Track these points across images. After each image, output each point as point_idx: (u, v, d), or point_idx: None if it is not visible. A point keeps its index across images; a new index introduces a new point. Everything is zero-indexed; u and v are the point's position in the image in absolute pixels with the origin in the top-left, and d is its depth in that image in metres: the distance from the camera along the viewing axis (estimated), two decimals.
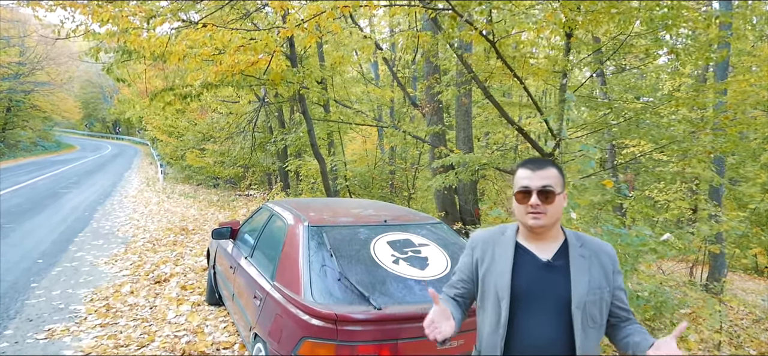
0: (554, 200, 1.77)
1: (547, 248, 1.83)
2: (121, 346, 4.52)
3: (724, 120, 6.99)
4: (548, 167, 1.81)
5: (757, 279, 16.20)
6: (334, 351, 2.65)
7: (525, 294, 1.78)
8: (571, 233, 1.87)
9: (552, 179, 1.78)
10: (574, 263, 1.78)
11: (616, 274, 1.83)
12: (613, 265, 1.83)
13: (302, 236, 3.32)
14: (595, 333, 1.77)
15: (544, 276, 1.79)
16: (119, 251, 8.37)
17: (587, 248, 1.83)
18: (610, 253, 1.85)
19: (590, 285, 1.75)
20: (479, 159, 7.32)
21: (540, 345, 1.74)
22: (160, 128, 22.12)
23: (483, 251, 1.91)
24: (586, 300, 1.73)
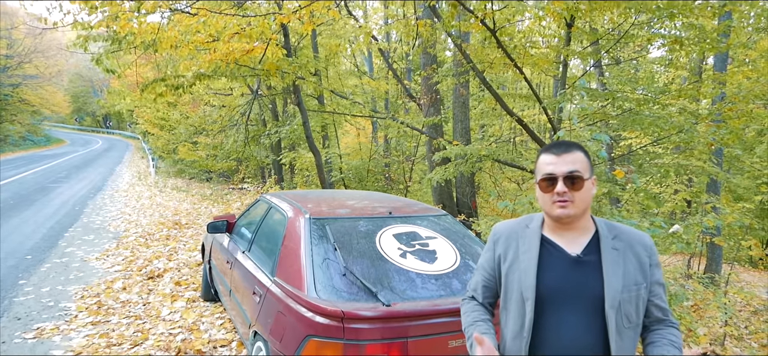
0: (583, 187, 1.59)
1: (576, 242, 1.64)
2: (113, 345, 4.35)
3: (728, 111, 6.91)
4: (574, 150, 1.63)
5: (752, 271, 16.26)
6: (341, 350, 2.50)
7: (552, 294, 1.61)
8: (603, 222, 1.68)
9: (579, 164, 1.60)
10: (606, 257, 1.59)
11: (653, 267, 1.63)
12: (650, 257, 1.63)
13: (303, 228, 3.16)
14: (632, 333, 1.58)
15: (573, 273, 1.61)
16: (111, 246, 8.16)
17: (621, 240, 1.63)
18: (647, 244, 1.65)
19: (625, 281, 1.56)
20: (479, 151, 7.18)
21: (569, 350, 1.57)
22: (151, 121, 21.83)
23: (506, 247, 1.74)
24: (621, 299, 1.54)
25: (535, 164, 1.74)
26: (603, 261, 1.59)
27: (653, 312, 1.63)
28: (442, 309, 2.65)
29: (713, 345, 5.15)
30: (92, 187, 16.05)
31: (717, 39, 6.96)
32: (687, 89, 7.87)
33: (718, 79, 8.81)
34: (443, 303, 2.70)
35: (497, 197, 8.65)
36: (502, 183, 15.77)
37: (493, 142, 15.28)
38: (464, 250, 3.28)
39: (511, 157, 14.36)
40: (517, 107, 17.60)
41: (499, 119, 17.70)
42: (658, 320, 1.64)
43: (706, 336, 5.20)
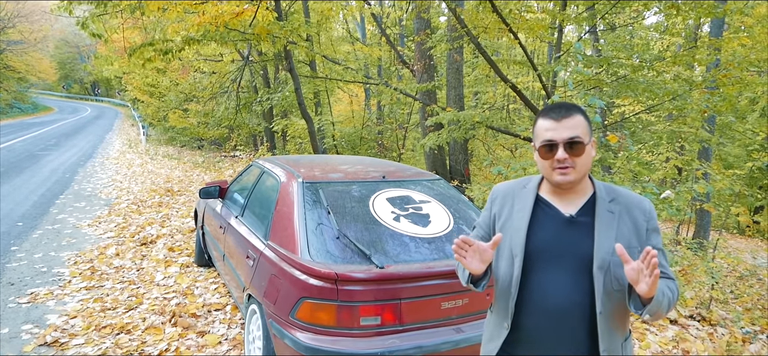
0: (583, 152, 1.56)
1: (572, 203, 1.63)
2: (108, 309, 4.36)
3: (722, 78, 6.89)
4: (574, 114, 1.58)
5: (739, 238, 16.54)
6: (334, 312, 2.52)
7: (541, 252, 1.60)
8: (602, 185, 1.66)
9: (580, 128, 1.56)
10: (600, 219, 1.57)
11: (651, 233, 1.60)
12: (647, 222, 1.60)
13: (297, 193, 3.14)
14: (622, 296, 1.54)
15: (564, 233, 1.60)
16: (102, 213, 8.12)
17: (618, 203, 1.61)
18: (646, 208, 1.61)
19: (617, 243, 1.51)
20: (473, 117, 7.15)
21: (555, 308, 1.57)
22: (140, 88, 21.52)
23: (501, 205, 1.75)
24: (611, 260, 1.52)
25: (532, 129, 1.71)
26: (596, 223, 1.58)
27: None
28: (435, 272, 2.66)
29: (699, 308, 5.25)
30: (82, 155, 15.89)
31: (713, 4, 6.90)
32: (682, 55, 7.82)
33: (714, 45, 8.76)
34: (436, 265, 2.71)
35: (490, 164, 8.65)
36: (495, 150, 15.79)
37: (487, 109, 15.24)
38: (458, 214, 3.29)
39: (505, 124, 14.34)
40: (511, 73, 17.52)
41: (492, 86, 17.62)
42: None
43: (693, 300, 5.29)
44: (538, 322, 1.60)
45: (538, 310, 1.60)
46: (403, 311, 2.60)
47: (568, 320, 1.56)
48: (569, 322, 1.56)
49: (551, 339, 1.59)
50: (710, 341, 4.43)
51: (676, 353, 4.08)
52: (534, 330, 1.62)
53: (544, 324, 1.59)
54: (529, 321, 1.62)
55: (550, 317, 1.58)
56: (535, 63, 8.19)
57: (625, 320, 1.62)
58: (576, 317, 1.56)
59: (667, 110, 8.47)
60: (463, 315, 2.75)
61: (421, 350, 2.56)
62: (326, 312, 2.53)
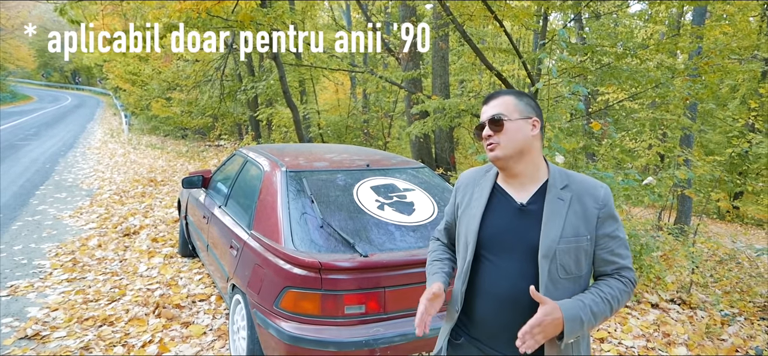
0: (504, 128, 1.58)
1: (525, 190, 1.64)
2: (90, 301, 4.31)
3: (704, 66, 6.96)
4: (501, 96, 1.64)
5: (719, 223, 16.84)
6: (318, 301, 2.51)
7: (492, 241, 1.63)
8: (558, 171, 1.65)
9: (502, 106, 1.60)
10: (548, 207, 1.57)
11: (604, 220, 1.57)
12: (599, 209, 1.57)
13: (280, 182, 3.12)
14: (570, 284, 1.55)
15: (515, 221, 1.62)
16: (84, 204, 8.01)
17: (570, 190, 1.59)
18: (599, 195, 1.59)
19: (564, 231, 1.54)
20: (458, 105, 7.15)
21: (503, 295, 1.59)
22: (122, 76, 21.13)
23: (464, 193, 1.78)
24: (557, 249, 1.53)
25: None
26: (544, 210, 1.58)
27: (601, 264, 1.60)
28: (419, 259, 2.66)
29: (680, 292, 5.34)
30: (63, 144, 15.62)
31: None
32: (665, 43, 7.89)
33: (696, 33, 8.85)
34: (420, 253, 2.72)
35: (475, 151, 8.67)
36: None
37: (473, 97, 15.25)
38: (442, 202, 3.29)
39: None
40: (497, 61, 17.53)
41: (478, 74, 17.62)
42: (606, 274, 1.61)
43: (674, 284, 5.38)
44: (487, 308, 1.64)
45: (487, 296, 1.63)
46: (388, 299, 2.60)
47: (516, 307, 1.58)
48: (516, 309, 1.57)
49: (499, 324, 1.62)
50: (690, 324, 4.51)
51: (656, 336, 4.15)
52: (483, 315, 1.65)
53: (492, 309, 1.63)
54: (479, 307, 1.66)
55: (498, 303, 1.61)
56: (519, 51, 8.21)
57: None
58: (523, 304, 1.55)
59: (650, 97, 8.55)
60: (448, 302, 2.76)
61: (406, 338, 2.57)
62: (310, 301, 2.53)
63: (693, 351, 3.96)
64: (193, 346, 3.59)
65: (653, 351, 3.87)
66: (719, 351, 4.04)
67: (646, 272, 5.20)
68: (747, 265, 8.57)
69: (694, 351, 3.95)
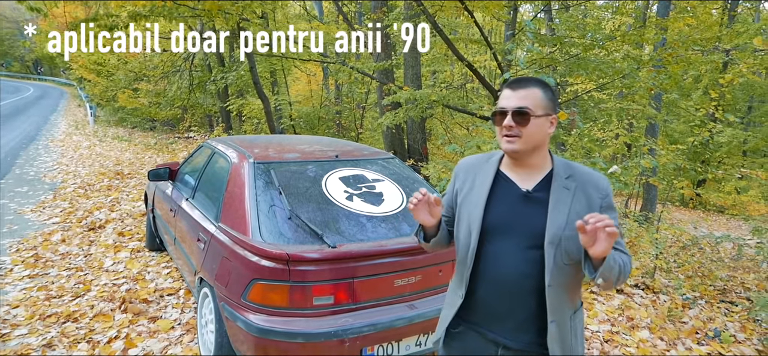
0: (529, 123, 1.59)
1: (529, 178, 1.67)
2: (53, 298, 4.19)
3: (668, 57, 7.13)
4: (530, 86, 1.62)
5: (683, 210, 17.39)
6: (287, 292, 2.50)
7: (497, 226, 1.65)
8: (561, 162, 1.69)
9: (530, 99, 1.60)
10: (554, 195, 1.61)
11: (605, 209, 1.62)
12: (601, 199, 1.62)
13: (248, 173, 3.08)
14: (572, 270, 1.59)
15: (520, 208, 1.65)
16: (47, 198, 7.77)
17: (575, 180, 1.63)
18: (602, 186, 1.64)
19: (569, 219, 1.57)
20: (429, 96, 7.17)
21: (506, 279, 1.62)
22: (86, 66, 20.50)
23: (464, 180, 1.79)
24: (562, 236, 1.56)
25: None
26: (550, 198, 1.61)
27: None
28: (388, 250, 2.68)
29: (644, 277, 5.50)
30: (25, 137, 15.10)
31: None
32: (631, 35, 8.05)
33: (660, 24, 9.07)
34: (389, 243, 2.73)
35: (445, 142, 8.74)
36: (452, 129, 15.94)
37: (445, 87, 15.32)
38: (411, 192, 3.31)
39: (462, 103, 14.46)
40: (469, 52, 17.62)
41: (450, 65, 17.70)
42: None
43: (639, 270, 5.54)
44: (490, 292, 1.66)
45: (491, 281, 1.65)
46: (357, 289, 2.61)
47: (519, 291, 1.62)
48: (519, 293, 1.62)
49: (502, 308, 1.65)
50: (653, 307, 4.66)
51: (621, 320, 4.27)
52: (486, 299, 1.67)
53: (495, 294, 1.65)
54: (482, 291, 1.68)
55: (501, 287, 1.63)
56: (490, 42, 8.27)
57: (575, 294, 1.67)
58: (526, 288, 1.61)
59: (617, 88, 8.73)
60: (416, 291, 2.79)
61: (375, 328, 2.58)
62: (278, 293, 2.51)
63: (655, 333, 4.08)
64: (161, 341, 3.54)
65: (618, 335, 3.98)
66: (680, 334, 4.18)
67: None
68: (709, 250, 8.88)
69: (657, 334, 4.08)
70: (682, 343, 4.01)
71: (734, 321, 4.68)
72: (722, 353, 3.93)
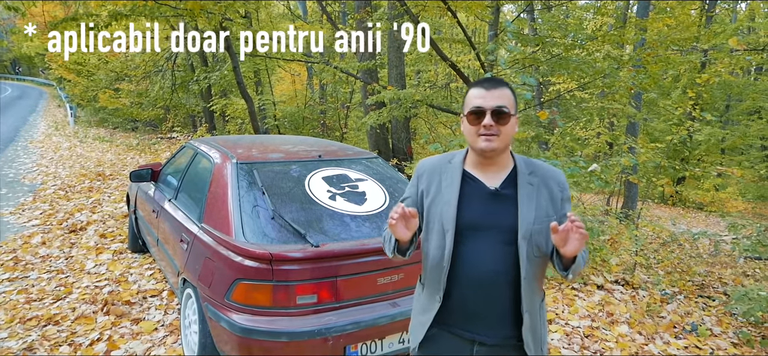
0: (508, 122, 1.65)
1: (495, 176, 1.71)
2: (33, 300, 4.15)
3: (647, 57, 7.26)
4: (502, 87, 1.67)
5: (663, 207, 17.69)
6: (270, 292, 2.51)
7: (470, 225, 1.68)
8: (521, 159, 1.75)
9: (506, 99, 1.65)
10: (522, 191, 1.67)
11: (564, 202, 1.72)
12: (561, 192, 1.72)
13: (231, 174, 3.09)
14: (541, 262, 1.68)
15: (490, 206, 1.68)
16: (26, 200, 7.65)
17: (536, 175, 1.71)
18: (560, 180, 1.73)
19: (537, 213, 1.65)
20: (413, 95, 7.21)
21: (483, 277, 1.65)
22: (65, 66, 20.18)
23: (429, 182, 1.79)
24: (532, 230, 1.63)
25: (463, 100, 1.77)
26: (518, 195, 1.66)
27: None
28: (371, 248, 2.70)
29: (625, 273, 5.60)
30: (3, 138, 14.82)
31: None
32: (610, 35, 8.17)
33: (639, 25, 9.22)
34: (372, 242, 2.75)
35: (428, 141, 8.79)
36: (437, 128, 16.02)
37: (429, 87, 15.38)
38: (394, 191, 3.34)
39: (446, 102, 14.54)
40: (454, 51, 17.73)
41: (435, 64, 17.78)
42: None
43: (619, 266, 5.64)
44: (468, 291, 1.68)
45: (468, 280, 1.67)
46: (340, 288, 2.63)
47: (495, 287, 1.66)
48: (496, 289, 1.66)
49: (480, 305, 1.68)
50: (632, 303, 4.75)
51: (601, 315, 4.35)
52: (464, 298, 1.69)
53: (473, 292, 1.68)
54: (460, 291, 1.70)
55: (479, 285, 1.66)
56: (473, 42, 8.33)
57: (542, 284, 1.75)
58: (502, 283, 1.65)
59: (598, 87, 8.86)
60: (399, 290, 2.82)
61: (358, 325, 2.60)
62: (262, 292, 2.53)
63: (634, 328, 4.17)
64: (144, 342, 3.52)
65: (598, 330, 4.05)
66: (659, 328, 4.28)
67: (592, 255, 5.43)
68: (688, 247, 9.06)
69: (636, 328, 4.17)
70: (660, 337, 4.10)
71: (711, 315, 4.79)
72: (699, 346, 4.02)
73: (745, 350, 4.09)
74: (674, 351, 3.85)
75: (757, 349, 4.15)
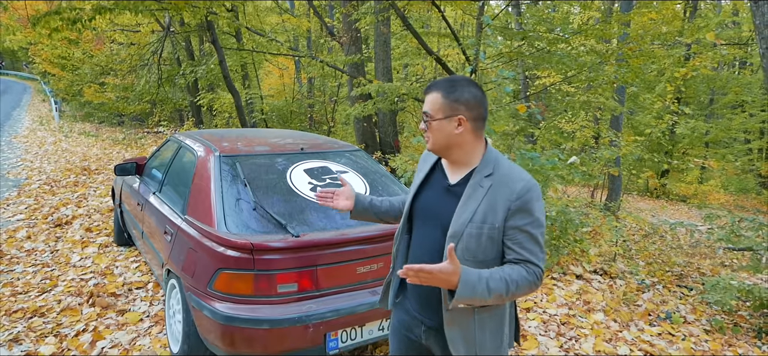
0: (431, 126, 1.70)
1: (457, 172, 1.77)
2: (19, 293, 4.17)
3: (628, 51, 7.39)
4: (432, 91, 1.71)
5: (647, 200, 17.95)
6: (251, 281, 2.58)
7: (420, 213, 1.82)
8: (492, 159, 1.71)
9: (430, 104, 1.70)
10: (467, 190, 1.68)
11: (517, 212, 1.61)
12: (512, 201, 1.61)
13: (213, 166, 3.14)
14: (473, 266, 1.61)
15: (441, 199, 1.76)
16: (11, 195, 7.62)
17: (493, 178, 1.66)
18: (515, 188, 1.62)
19: (474, 216, 1.62)
20: (398, 89, 7.28)
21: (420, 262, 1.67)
22: (50, 60, 19.96)
23: (420, 168, 1.95)
24: (464, 232, 1.63)
25: None
26: (463, 194, 1.68)
27: (508, 253, 1.64)
28: (350, 238, 2.78)
29: (604, 264, 5.73)
30: None
31: None
32: (594, 29, 8.29)
33: (622, 20, 9.34)
34: (351, 232, 2.83)
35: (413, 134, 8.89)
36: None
37: (415, 81, 15.44)
38: (375, 184, 3.41)
39: None
40: (442, 45, 17.78)
41: (423, 58, 17.85)
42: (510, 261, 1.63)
43: (597, 256, 5.77)
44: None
45: (412, 262, 1.81)
46: (320, 277, 2.70)
47: None
48: None
49: (418, 290, 1.82)
50: (609, 292, 4.88)
51: (578, 304, 4.46)
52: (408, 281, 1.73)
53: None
54: None
55: None
56: (458, 36, 8.42)
57: None
58: None
59: (582, 81, 8.99)
60: (378, 278, 2.89)
61: (338, 313, 2.68)
62: (243, 281, 2.59)
63: (609, 315, 4.29)
64: (130, 333, 3.57)
65: (574, 318, 4.17)
66: (634, 316, 4.41)
67: (572, 246, 5.55)
68: (669, 238, 9.26)
69: (611, 316, 4.29)
70: (635, 324, 4.23)
71: (687, 303, 4.94)
72: (672, 333, 4.15)
73: (716, 336, 4.23)
74: (647, 337, 3.97)
75: (728, 336, 4.30)
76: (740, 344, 4.14)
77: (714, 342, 4.06)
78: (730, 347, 4.05)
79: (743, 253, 7.82)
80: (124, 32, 15.30)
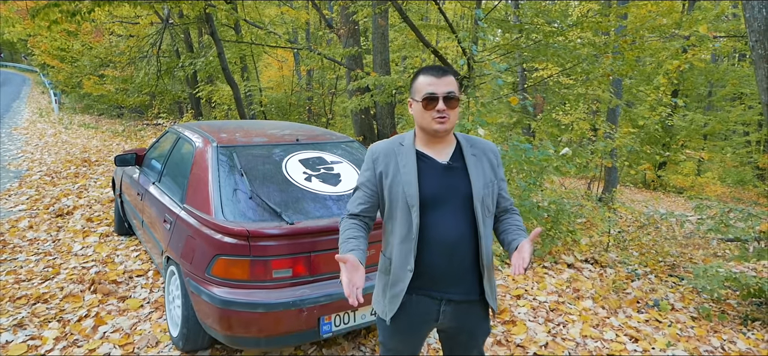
0: (456, 106, 1.88)
1: (443, 152, 1.94)
2: (22, 281, 4.28)
3: (623, 44, 7.45)
4: (449, 74, 1.88)
5: (644, 191, 18.05)
6: (248, 266, 2.68)
7: (431, 198, 1.87)
8: (461, 136, 2.03)
9: (454, 86, 1.87)
10: (469, 163, 1.94)
11: (498, 167, 2.03)
12: (496, 159, 2.03)
13: (211, 156, 3.23)
14: (490, 221, 1.97)
15: (445, 178, 1.90)
16: (12, 185, 7.71)
17: (476, 148, 2.00)
18: (494, 149, 2.04)
19: (484, 180, 1.92)
20: (396, 81, 7.36)
21: (450, 243, 1.86)
22: (49, 52, 19.99)
23: (386, 164, 1.93)
24: (483, 194, 1.90)
25: (412, 85, 1.96)
26: (467, 166, 1.93)
27: (501, 202, 2.04)
28: None
29: (594, 253, 5.84)
30: None
31: None
32: (589, 21, 8.35)
33: (618, 12, 9.39)
34: None
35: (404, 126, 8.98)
36: None
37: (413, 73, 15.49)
38: None
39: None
40: (440, 38, 17.83)
41: (421, 51, 17.90)
42: (505, 209, 2.06)
43: (588, 246, 5.87)
44: (436, 257, 1.88)
45: (435, 247, 1.86)
46: (313, 263, 2.80)
47: (460, 248, 1.88)
48: (460, 250, 1.88)
49: (447, 267, 1.89)
50: (600, 280, 4.99)
51: (568, 291, 4.57)
52: (433, 264, 1.88)
53: (440, 257, 1.88)
54: (429, 259, 1.88)
55: (445, 250, 1.87)
56: (455, 29, 8.47)
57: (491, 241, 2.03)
58: (465, 244, 1.89)
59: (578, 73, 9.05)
60: (370, 264, 2.98)
61: (331, 298, 2.78)
62: (240, 267, 2.69)
63: (598, 303, 4.40)
64: (130, 318, 3.68)
65: (563, 305, 4.28)
66: (622, 303, 4.51)
67: (563, 236, 5.65)
68: (664, 229, 9.35)
69: (600, 303, 4.40)
70: (623, 311, 4.33)
71: (676, 292, 5.04)
72: (659, 320, 4.26)
73: (702, 323, 4.34)
74: (634, 323, 4.08)
75: (714, 322, 4.40)
76: (726, 330, 4.24)
77: (700, 329, 4.17)
78: (716, 333, 4.15)
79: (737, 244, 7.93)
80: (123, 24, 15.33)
